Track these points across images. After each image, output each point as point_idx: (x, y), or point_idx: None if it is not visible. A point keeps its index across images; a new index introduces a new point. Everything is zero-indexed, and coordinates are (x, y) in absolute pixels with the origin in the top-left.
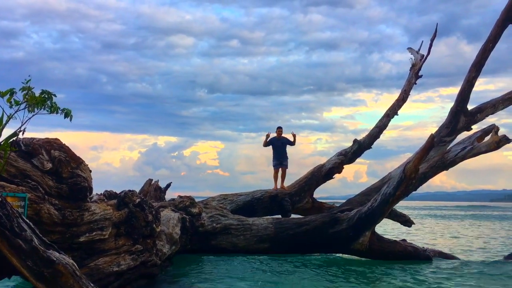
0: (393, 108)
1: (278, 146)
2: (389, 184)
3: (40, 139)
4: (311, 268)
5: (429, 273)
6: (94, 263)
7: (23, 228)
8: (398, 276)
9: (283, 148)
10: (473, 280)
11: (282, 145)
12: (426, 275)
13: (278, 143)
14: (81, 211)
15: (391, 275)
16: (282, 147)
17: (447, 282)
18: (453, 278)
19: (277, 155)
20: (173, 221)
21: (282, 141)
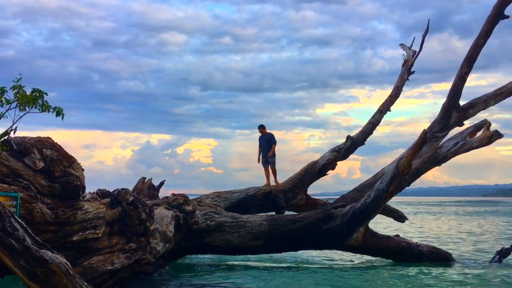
0: (386, 104)
1: (263, 143)
2: (382, 180)
3: (32, 138)
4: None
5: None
6: (87, 262)
7: (15, 227)
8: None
9: (268, 146)
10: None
11: (266, 142)
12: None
13: (263, 140)
14: (74, 210)
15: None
16: (266, 144)
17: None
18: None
19: (263, 152)
20: (166, 219)
21: (266, 138)
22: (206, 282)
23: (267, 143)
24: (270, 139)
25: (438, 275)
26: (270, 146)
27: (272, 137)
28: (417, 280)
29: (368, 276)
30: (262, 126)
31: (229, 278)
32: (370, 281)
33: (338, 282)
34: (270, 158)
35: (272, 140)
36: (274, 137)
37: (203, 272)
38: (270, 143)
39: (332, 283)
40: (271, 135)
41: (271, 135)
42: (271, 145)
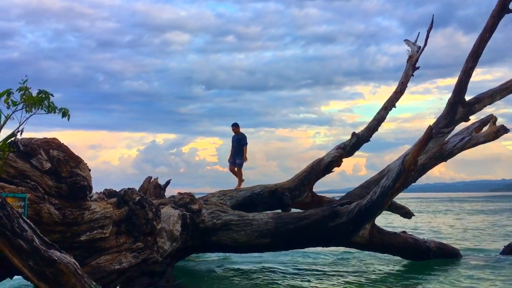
0: (391, 101)
1: (234, 142)
2: (388, 176)
3: (39, 139)
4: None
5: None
6: (95, 262)
7: (23, 228)
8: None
9: (238, 146)
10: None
11: (237, 141)
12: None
13: (234, 140)
14: (81, 210)
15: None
16: (237, 143)
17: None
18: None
19: (233, 152)
20: (173, 218)
21: (238, 138)
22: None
23: (237, 143)
24: (241, 139)
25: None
26: (240, 146)
27: (244, 138)
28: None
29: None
30: (235, 125)
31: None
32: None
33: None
34: (237, 159)
35: (243, 141)
36: (245, 138)
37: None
38: (240, 143)
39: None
40: (243, 135)
41: (242, 136)
42: (241, 146)
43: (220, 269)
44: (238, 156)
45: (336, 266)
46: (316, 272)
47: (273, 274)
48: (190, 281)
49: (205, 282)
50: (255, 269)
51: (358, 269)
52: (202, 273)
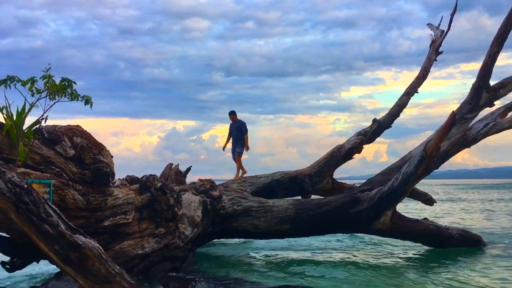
0: (413, 86)
1: (233, 131)
2: (410, 162)
3: (62, 126)
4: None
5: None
6: (119, 247)
7: (49, 213)
8: None
9: (238, 134)
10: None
11: (237, 130)
12: None
13: (233, 128)
14: (105, 196)
15: None
16: (236, 132)
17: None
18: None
19: (233, 141)
20: (194, 204)
21: (237, 126)
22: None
23: (237, 131)
24: (241, 127)
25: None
26: (240, 135)
27: (243, 125)
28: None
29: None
30: (233, 113)
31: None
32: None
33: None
34: (237, 148)
35: (242, 128)
36: (245, 125)
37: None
38: (240, 131)
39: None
40: (242, 123)
41: (242, 123)
42: (241, 134)
43: (240, 255)
44: (238, 144)
45: (354, 251)
46: (333, 257)
47: (293, 259)
48: (211, 266)
49: (225, 267)
50: (275, 254)
51: (378, 254)
52: (222, 259)
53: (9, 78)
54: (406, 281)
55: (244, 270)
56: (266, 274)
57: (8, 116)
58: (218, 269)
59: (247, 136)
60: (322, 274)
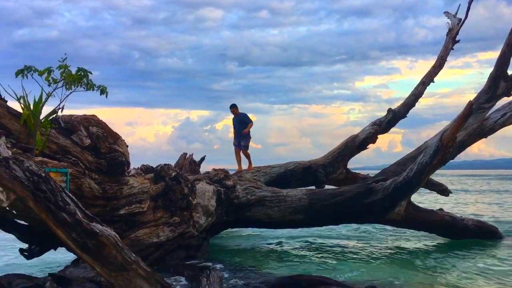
0: (429, 75)
1: (236, 124)
2: (425, 153)
3: (78, 116)
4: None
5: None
6: (134, 235)
7: (66, 202)
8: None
9: (241, 127)
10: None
11: (240, 123)
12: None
13: (235, 122)
14: (120, 185)
15: None
16: (240, 125)
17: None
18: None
19: (236, 134)
20: (208, 193)
21: (239, 119)
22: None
23: (240, 124)
24: (243, 119)
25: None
26: (244, 128)
27: (246, 117)
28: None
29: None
30: (234, 106)
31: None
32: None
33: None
34: (242, 141)
35: (245, 120)
36: (247, 116)
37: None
38: (243, 124)
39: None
40: (244, 114)
41: (244, 115)
42: (245, 126)
43: (253, 245)
44: (242, 138)
45: (367, 241)
46: (348, 246)
47: (306, 249)
48: (225, 256)
49: (239, 257)
50: (289, 244)
51: (390, 245)
52: (236, 249)
53: (26, 68)
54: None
55: (258, 259)
56: (280, 264)
57: (25, 105)
58: (232, 259)
59: (251, 125)
60: (336, 264)
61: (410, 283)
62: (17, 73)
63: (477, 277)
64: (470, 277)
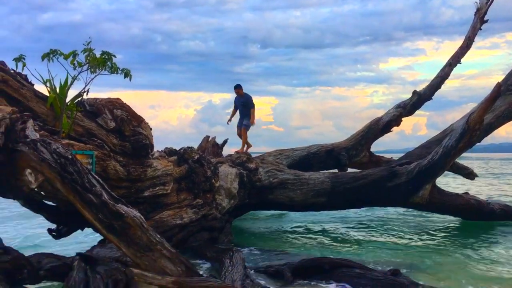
0: (456, 56)
1: (239, 106)
2: (451, 136)
3: (103, 99)
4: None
5: None
6: (158, 216)
7: (93, 183)
8: None
9: (244, 109)
10: None
11: (243, 105)
12: None
13: (239, 103)
14: (144, 167)
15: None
16: (243, 107)
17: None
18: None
19: (239, 114)
20: (231, 176)
21: (243, 101)
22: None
23: (243, 107)
24: (247, 101)
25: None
26: (247, 110)
27: (249, 100)
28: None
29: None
30: (238, 86)
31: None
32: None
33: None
34: (244, 121)
35: (249, 103)
36: (251, 99)
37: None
38: (247, 106)
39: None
40: (249, 97)
41: (247, 98)
42: (248, 109)
43: (274, 228)
44: (245, 118)
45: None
46: (369, 230)
47: (326, 232)
48: (247, 237)
49: (261, 239)
50: (311, 227)
51: (413, 229)
52: (258, 230)
53: (52, 52)
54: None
55: (279, 242)
56: (301, 246)
57: (51, 89)
58: (254, 241)
59: (253, 110)
60: (358, 247)
61: (434, 267)
62: (43, 57)
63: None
64: (497, 260)
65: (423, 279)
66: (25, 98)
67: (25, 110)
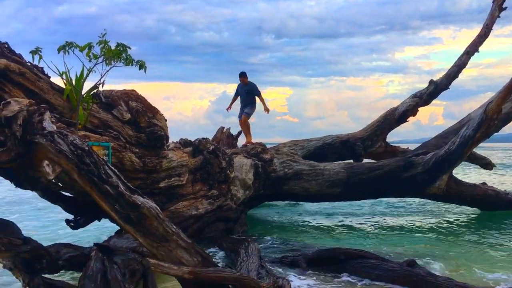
0: (474, 45)
1: (243, 94)
2: (468, 125)
3: (118, 90)
4: None
5: None
6: (174, 207)
7: (109, 174)
8: None
9: (248, 97)
10: None
11: (247, 93)
12: None
13: (242, 91)
14: (160, 158)
15: None
16: (247, 95)
17: None
18: None
19: (241, 104)
20: (246, 167)
21: (247, 89)
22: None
23: (247, 95)
24: (252, 90)
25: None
26: (250, 98)
27: (254, 88)
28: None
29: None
30: (243, 74)
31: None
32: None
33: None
34: (246, 108)
35: (254, 91)
36: (257, 87)
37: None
38: (251, 94)
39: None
40: (254, 85)
41: (252, 86)
42: (252, 97)
43: (289, 218)
44: (247, 106)
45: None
46: (387, 220)
47: (342, 222)
48: (262, 228)
49: (277, 229)
50: (325, 217)
51: (429, 219)
52: (273, 221)
53: (68, 44)
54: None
55: (294, 232)
56: (316, 237)
57: (68, 81)
58: (269, 231)
59: (263, 98)
60: (373, 239)
61: (451, 257)
62: (59, 49)
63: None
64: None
65: (440, 270)
66: (42, 91)
67: (42, 102)
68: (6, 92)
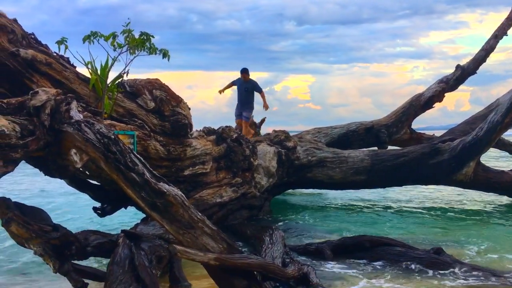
0: (502, 28)
1: (242, 91)
2: (497, 111)
3: (142, 79)
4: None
5: None
6: (198, 195)
7: (135, 162)
8: None
9: (247, 96)
10: None
11: (247, 91)
12: None
13: (242, 88)
14: (184, 146)
15: None
16: (246, 93)
17: None
18: None
19: (239, 103)
20: (269, 154)
21: (247, 86)
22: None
23: (247, 92)
24: (254, 87)
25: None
26: (248, 98)
27: (255, 85)
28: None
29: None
30: (245, 71)
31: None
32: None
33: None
34: (245, 112)
35: (256, 88)
36: (257, 84)
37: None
38: (251, 92)
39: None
40: (253, 82)
41: (252, 83)
42: (252, 95)
43: (315, 205)
44: (245, 107)
45: (433, 201)
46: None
47: (366, 210)
48: (287, 215)
49: (301, 217)
50: (349, 204)
51: (455, 207)
52: (297, 209)
53: (93, 34)
54: (493, 234)
55: (319, 220)
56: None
57: (93, 70)
58: (293, 219)
59: (264, 94)
60: (398, 226)
61: (479, 244)
62: (84, 39)
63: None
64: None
65: (467, 258)
66: (68, 80)
67: (68, 92)
68: (34, 82)
